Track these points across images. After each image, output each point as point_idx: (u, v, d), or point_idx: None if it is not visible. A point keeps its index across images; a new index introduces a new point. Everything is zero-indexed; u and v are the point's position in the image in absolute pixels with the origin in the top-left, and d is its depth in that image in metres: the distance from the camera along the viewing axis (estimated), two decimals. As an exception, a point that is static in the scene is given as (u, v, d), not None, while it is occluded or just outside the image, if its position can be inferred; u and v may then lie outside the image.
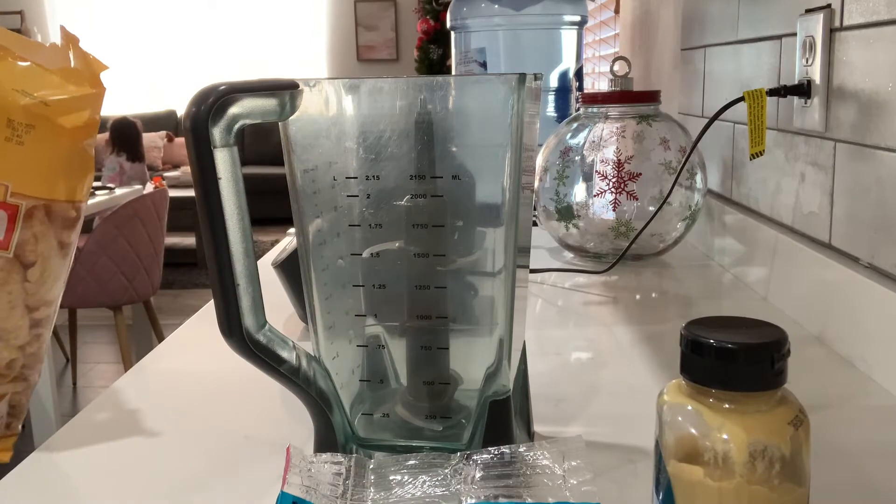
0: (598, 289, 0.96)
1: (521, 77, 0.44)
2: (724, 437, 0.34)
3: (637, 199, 1.04)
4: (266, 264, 0.83)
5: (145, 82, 6.83)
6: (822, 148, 0.78)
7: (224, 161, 0.43)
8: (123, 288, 2.93)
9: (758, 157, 0.83)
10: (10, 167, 0.55)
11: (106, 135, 4.35)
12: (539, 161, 1.10)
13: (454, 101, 0.46)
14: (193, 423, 0.60)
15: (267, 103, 0.44)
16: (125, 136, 4.31)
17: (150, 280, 3.05)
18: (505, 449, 0.43)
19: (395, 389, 0.51)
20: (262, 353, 0.46)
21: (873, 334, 0.66)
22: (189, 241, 5.46)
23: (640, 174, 1.04)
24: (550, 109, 1.46)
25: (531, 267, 1.03)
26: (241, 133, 0.44)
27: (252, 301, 0.45)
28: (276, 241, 1.29)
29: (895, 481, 0.50)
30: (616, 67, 1.07)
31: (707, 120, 0.93)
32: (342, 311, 0.49)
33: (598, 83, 2.44)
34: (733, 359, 0.34)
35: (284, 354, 0.47)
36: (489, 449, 0.44)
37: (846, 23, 0.72)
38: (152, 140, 6.55)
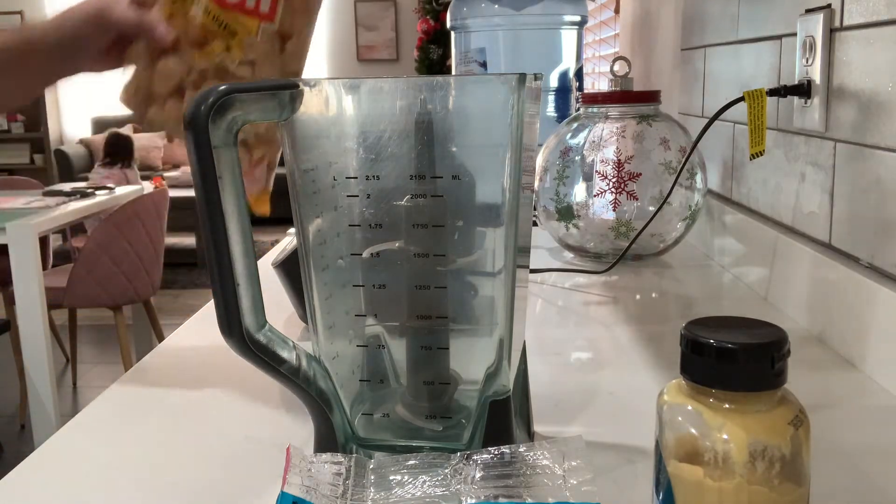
0: (598, 289, 0.96)
1: (521, 77, 0.44)
2: (725, 437, 0.34)
3: (637, 199, 1.04)
4: (266, 264, 0.83)
5: (145, 82, 6.83)
6: (822, 148, 0.78)
7: (224, 161, 0.43)
8: (123, 288, 2.93)
9: (758, 157, 0.83)
10: None
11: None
12: (539, 161, 1.10)
13: (454, 101, 0.46)
14: (193, 423, 0.60)
15: (267, 103, 0.44)
16: (124, 147, 4.40)
17: (151, 280, 3.05)
18: (505, 449, 0.43)
19: (395, 389, 0.51)
20: (262, 353, 0.46)
21: (873, 334, 0.66)
22: (189, 241, 5.45)
23: (640, 174, 1.04)
24: (550, 109, 1.46)
25: (531, 267, 1.03)
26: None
27: (252, 301, 0.45)
28: (276, 241, 1.29)
29: (895, 481, 0.50)
30: (616, 67, 1.07)
31: (707, 120, 0.93)
32: (342, 311, 0.49)
33: (598, 83, 2.44)
34: (733, 359, 0.34)
35: (284, 354, 0.47)
36: (489, 449, 0.44)
37: (846, 23, 0.72)
38: (152, 140, 6.55)
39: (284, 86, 0.45)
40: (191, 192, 4.16)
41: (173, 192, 3.58)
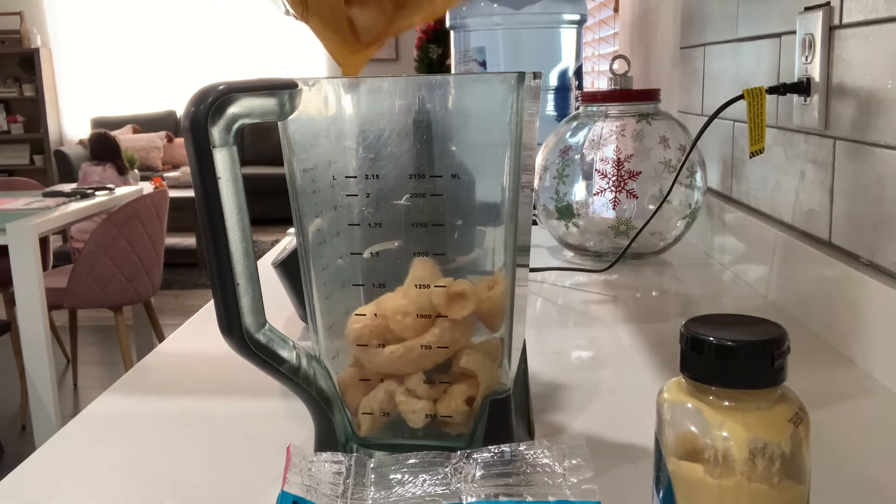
0: (598, 287, 0.96)
1: (521, 76, 0.44)
2: (725, 434, 0.34)
3: (637, 198, 1.04)
4: (266, 264, 0.83)
5: (145, 82, 6.83)
6: (821, 146, 0.78)
7: (224, 161, 0.43)
8: (123, 288, 2.93)
9: (757, 155, 0.83)
10: None
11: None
12: (539, 160, 1.10)
13: (453, 99, 0.46)
14: (193, 423, 0.60)
15: (266, 103, 0.44)
16: (109, 148, 4.30)
17: (151, 280, 3.05)
18: (505, 447, 0.43)
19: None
20: (262, 353, 0.46)
21: (873, 332, 0.66)
22: (189, 241, 5.46)
23: (640, 172, 1.04)
24: (550, 108, 1.46)
25: (531, 266, 1.03)
26: (240, 133, 0.44)
27: (252, 301, 0.45)
28: (276, 241, 1.29)
29: (895, 480, 0.50)
30: (615, 66, 1.07)
31: (707, 118, 0.93)
32: (342, 310, 0.49)
33: (597, 82, 2.44)
34: (733, 356, 0.34)
35: (284, 354, 0.47)
36: (489, 448, 0.44)
37: (845, 20, 0.72)
38: (152, 140, 6.55)
39: (283, 85, 0.45)
40: (191, 192, 4.16)
41: (173, 193, 3.58)
